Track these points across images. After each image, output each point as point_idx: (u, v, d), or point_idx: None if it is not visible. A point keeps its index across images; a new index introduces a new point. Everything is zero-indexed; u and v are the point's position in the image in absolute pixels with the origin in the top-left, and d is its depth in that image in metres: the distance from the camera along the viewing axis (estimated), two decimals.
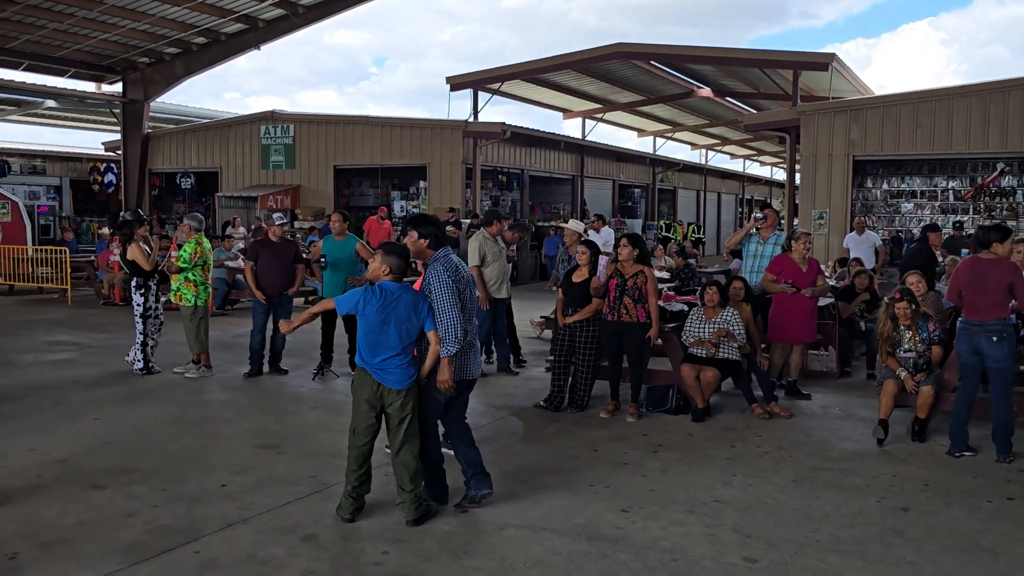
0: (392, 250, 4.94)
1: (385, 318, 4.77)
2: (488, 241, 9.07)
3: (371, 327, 4.80)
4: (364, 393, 4.83)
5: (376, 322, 4.77)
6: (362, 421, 4.87)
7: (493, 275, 9.06)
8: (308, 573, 4.19)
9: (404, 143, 21.86)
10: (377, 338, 4.78)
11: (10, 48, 21.67)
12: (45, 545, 4.49)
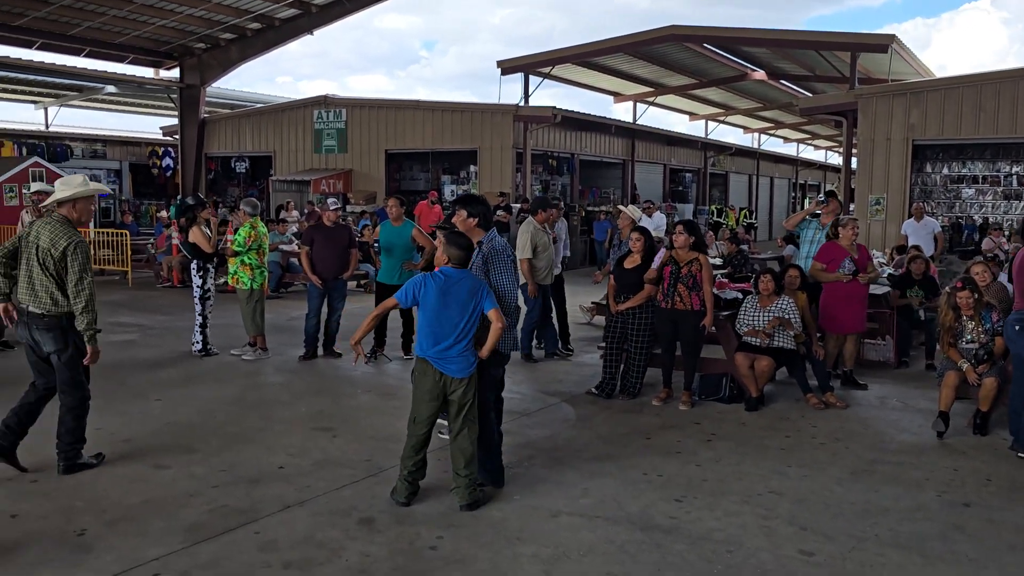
0: (455, 241, 4.96)
1: (445, 302, 4.79)
2: (539, 231, 9.07)
3: (431, 314, 4.82)
4: (426, 383, 4.86)
5: (436, 308, 4.80)
6: (424, 411, 4.90)
7: (542, 264, 9.07)
8: (365, 556, 4.26)
9: (455, 127, 21.92)
10: (437, 325, 4.80)
11: (72, 35, 22.20)
12: (112, 523, 4.64)
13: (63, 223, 5.27)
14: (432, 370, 4.84)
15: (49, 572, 4.03)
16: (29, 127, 27.77)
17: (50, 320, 5.23)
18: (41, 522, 4.62)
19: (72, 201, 5.33)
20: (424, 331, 4.87)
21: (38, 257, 5.21)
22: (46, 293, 5.22)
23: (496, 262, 5.20)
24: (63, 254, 5.16)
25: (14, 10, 20.21)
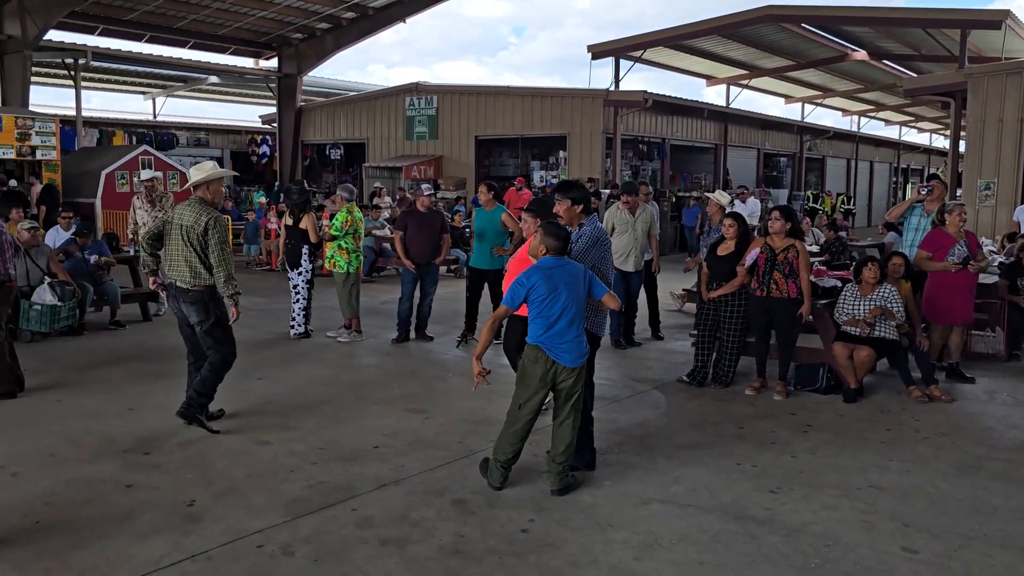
0: (553, 231, 4.91)
1: (554, 288, 4.76)
2: (621, 212, 9.04)
3: (541, 303, 4.77)
4: (537, 371, 4.79)
5: (545, 296, 4.75)
6: (532, 398, 4.84)
7: (620, 247, 9.01)
8: (459, 536, 4.34)
9: (544, 113, 21.89)
10: (548, 313, 4.76)
11: (178, 27, 23.12)
12: (218, 495, 4.85)
13: (201, 203, 5.91)
14: (545, 357, 4.78)
15: (162, 540, 4.24)
16: (138, 117, 29.10)
17: (195, 294, 5.88)
18: (154, 492, 4.86)
19: (206, 183, 5.94)
20: (536, 320, 4.82)
21: (183, 235, 5.84)
22: (189, 268, 5.86)
23: (598, 246, 5.25)
24: (204, 229, 5.78)
25: (125, 5, 21.16)
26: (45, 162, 17.76)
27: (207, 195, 5.96)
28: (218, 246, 5.80)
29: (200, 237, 5.80)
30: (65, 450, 5.55)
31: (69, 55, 21.13)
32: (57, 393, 6.97)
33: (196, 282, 5.87)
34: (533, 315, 4.84)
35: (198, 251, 5.83)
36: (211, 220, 5.81)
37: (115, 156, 19.57)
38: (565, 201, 5.37)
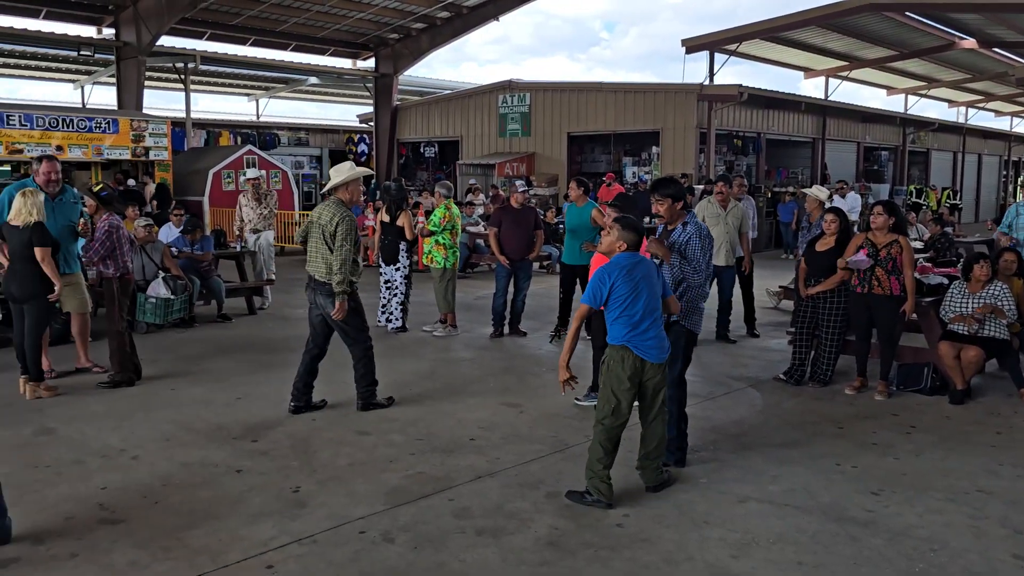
0: (630, 225, 4.88)
1: (635, 286, 4.72)
2: (712, 206, 8.94)
3: (623, 301, 4.71)
4: (626, 371, 4.69)
5: (627, 293, 4.70)
6: (625, 400, 4.73)
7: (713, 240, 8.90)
8: (554, 529, 4.40)
9: (637, 108, 21.72)
10: (632, 310, 4.70)
11: (280, 31, 23.91)
12: (322, 482, 5.04)
13: (338, 203, 6.33)
14: (632, 356, 4.71)
15: (270, 523, 4.45)
16: (243, 118, 30.21)
17: (329, 288, 6.25)
18: (262, 478, 5.09)
19: (345, 185, 6.33)
20: (619, 320, 4.74)
21: (320, 232, 6.28)
22: (324, 263, 6.27)
23: (694, 240, 5.24)
24: (335, 227, 6.18)
25: (231, 10, 22.02)
26: (158, 162, 18.66)
27: (345, 195, 6.36)
28: (340, 240, 6.17)
29: (332, 235, 6.21)
30: (180, 435, 5.86)
31: (179, 60, 22.16)
32: (171, 382, 7.35)
33: (330, 277, 6.24)
34: (614, 315, 4.74)
35: (330, 247, 6.24)
36: (341, 219, 6.21)
37: (221, 156, 20.39)
38: (665, 200, 5.31)
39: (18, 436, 5.82)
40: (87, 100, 26.63)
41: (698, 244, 5.20)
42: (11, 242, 6.77)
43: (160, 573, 3.89)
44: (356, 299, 6.43)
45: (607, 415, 4.72)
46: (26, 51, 22.83)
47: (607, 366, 4.77)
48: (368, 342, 6.56)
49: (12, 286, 6.79)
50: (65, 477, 5.05)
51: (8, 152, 16.37)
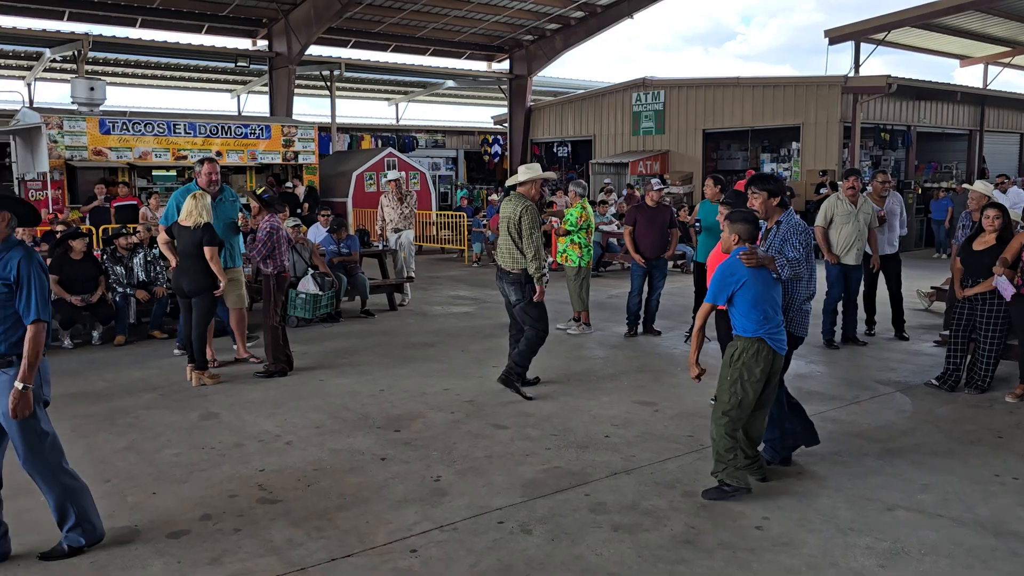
0: (743, 217, 4.82)
1: (762, 279, 4.68)
2: (841, 202, 8.59)
3: (754, 293, 4.67)
4: (760, 364, 4.66)
5: (756, 286, 4.66)
6: (753, 393, 4.68)
7: (840, 239, 8.54)
8: (690, 528, 4.38)
9: (776, 103, 21.06)
10: (764, 303, 4.66)
11: (419, 36, 24.64)
12: (461, 472, 5.20)
13: (520, 197, 6.90)
14: (768, 349, 4.67)
15: (413, 509, 4.63)
16: (383, 122, 31.30)
17: (514, 276, 6.82)
18: (404, 466, 5.30)
19: (531, 183, 6.90)
20: (749, 312, 4.69)
21: (506, 225, 6.83)
22: (510, 254, 6.82)
23: (791, 238, 4.99)
24: (519, 218, 6.71)
25: (374, 18, 22.90)
26: (306, 165, 19.62)
27: (527, 191, 6.89)
28: (528, 230, 6.70)
29: (516, 225, 6.75)
30: (328, 423, 6.18)
31: (326, 67, 23.24)
32: (320, 373, 7.74)
33: (515, 266, 6.78)
34: (744, 308, 4.68)
35: (515, 239, 6.75)
36: (524, 210, 6.75)
37: (364, 159, 21.22)
38: (761, 194, 5.12)
39: (186, 420, 6.30)
40: (242, 108, 28.30)
41: (797, 242, 4.95)
42: (181, 241, 7.34)
43: (314, 551, 4.13)
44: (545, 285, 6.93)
45: (734, 407, 4.70)
46: (190, 64, 24.51)
47: (736, 358, 4.71)
48: (543, 332, 6.98)
49: (182, 281, 7.35)
50: (228, 459, 5.43)
51: (174, 158, 17.64)
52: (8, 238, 3.90)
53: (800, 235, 4.97)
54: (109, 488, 4.94)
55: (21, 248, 3.91)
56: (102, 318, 9.04)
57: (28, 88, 23.96)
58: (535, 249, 6.70)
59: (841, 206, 8.61)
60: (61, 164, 16.28)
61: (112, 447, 5.68)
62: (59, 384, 7.36)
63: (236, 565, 3.98)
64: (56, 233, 10.20)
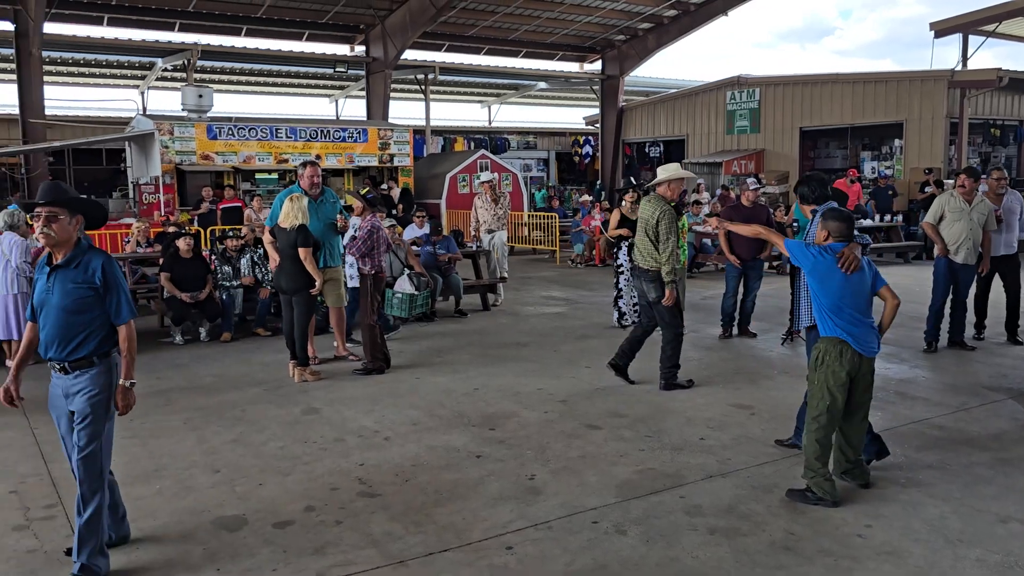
0: (835, 215, 4.78)
1: (850, 276, 4.61)
2: (954, 200, 8.24)
3: (842, 289, 4.59)
4: (844, 365, 4.58)
5: (844, 282, 4.60)
6: (842, 396, 4.62)
7: (952, 236, 8.19)
8: (789, 534, 4.29)
9: (877, 99, 20.37)
10: (852, 300, 4.59)
11: (512, 39, 24.82)
12: (555, 472, 5.23)
13: (658, 199, 7.01)
14: (851, 349, 4.57)
15: (508, 507, 4.69)
16: (475, 124, 31.66)
17: (652, 275, 6.98)
18: (499, 464, 5.37)
19: (666, 183, 6.98)
20: (834, 308, 4.59)
21: (644, 226, 6.99)
22: (648, 253, 6.97)
23: None
24: (656, 222, 6.86)
25: (468, 22, 23.21)
26: (401, 168, 20.03)
27: (666, 192, 6.99)
28: (664, 234, 6.83)
29: (653, 229, 6.89)
30: (425, 420, 6.31)
31: (420, 71, 23.66)
32: (415, 371, 7.91)
33: (652, 265, 6.94)
34: (827, 303, 4.60)
35: (652, 239, 6.90)
36: (661, 213, 6.88)
37: (457, 161, 21.52)
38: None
39: (290, 414, 6.54)
40: (340, 112, 29.08)
41: None
42: (280, 241, 7.61)
43: (412, 544, 4.23)
44: (675, 288, 7.03)
45: (822, 412, 4.64)
46: (291, 70, 25.37)
47: (820, 360, 4.64)
48: (679, 328, 7.12)
49: (282, 280, 7.64)
50: (329, 452, 5.61)
51: (276, 161, 18.28)
52: (81, 242, 3.94)
53: None
54: (219, 478, 5.17)
55: (100, 252, 3.97)
56: (210, 315, 9.45)
57: (142, 96, 25.26)
58: (669, 252, 6.82)
59: (953, 203, 8.29)
60: (172, 168, 17.09)
61: (221, 439, 5.95)
62: (171, 378, 7.76)
63: (338, 556, 4.12)
64: (168, 234, 10.72)
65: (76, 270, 3.87)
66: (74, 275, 3.87)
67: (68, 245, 3.89)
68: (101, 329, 3.91)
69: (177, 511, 4.67)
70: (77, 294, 3.85)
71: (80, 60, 22.75)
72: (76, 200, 3.95)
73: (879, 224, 16.52)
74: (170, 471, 5.32)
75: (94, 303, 3.88)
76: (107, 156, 23.28)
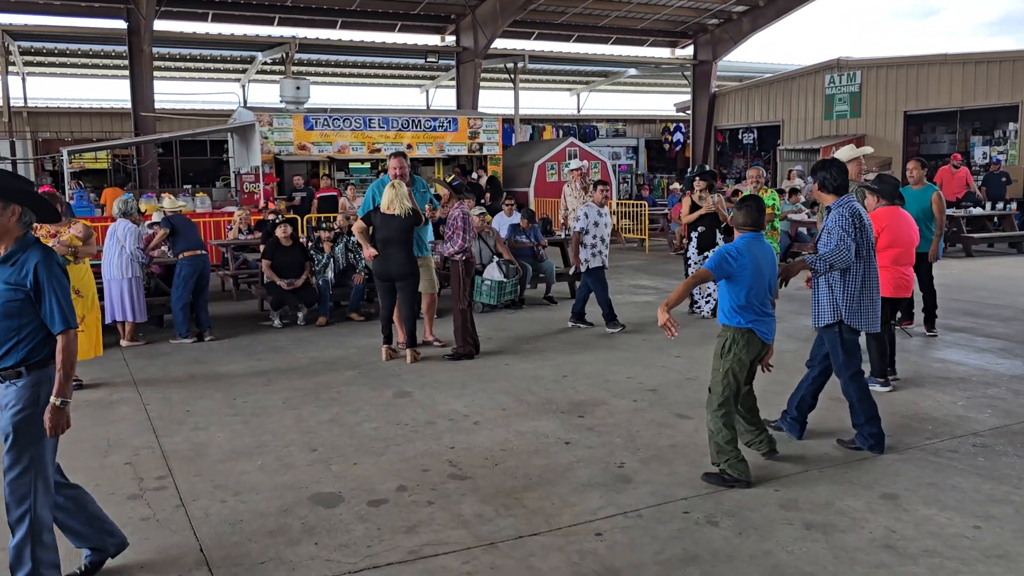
0: (740, 206, 4.93)
1: (761, 274, 4.79)
2: None
3: (746, 288, 4.77)
4: (751, 353, 4.82)
5: (748, 281, 4.76)
6: (743, 381, 4.89)
7: None
8: (890, 532, 4.14)
9: (990, 81, 19.37)
10: (756, 296, 4.78)
11: (602, 25, 24.60)
12: (645, 460, 5.19)
13: None
14: (756, 340, 4.83)
15: (597, 494, 4.67)
16: (564, 112, 31.54)
17: None
18: (588, 451, 5.36)
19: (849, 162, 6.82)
20: (743, 305, 4.79)
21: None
22: None
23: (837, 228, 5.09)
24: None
25: (557, 9, 23.10)
26: (490, 156, 20.14)
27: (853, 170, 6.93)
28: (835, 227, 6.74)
29: None
30: (513, 406, 6.34)
31: (510, 60, 23.71)
32: (504, 357, 7.95)
33: None
34: (743, 294, 4.76)
35: None
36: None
37: (545, 149, 21.50)
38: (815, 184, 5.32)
39: (382, 397, 6.68)
40: (430, 102, 29.42)
41: (837, 231, 5.05)
42: (386, 229, 7.66)
43: (502, 527, 4.27)
44: None
45: (728, 398, 4.83)
46: (383, 62, 25.79)
47: (727, 349, 4.82)
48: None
49: (391, 267, 7.70)
50: (420, 435, 5.70)
51: (369, 151, 18.64)
52: (23, 238, 3.46)
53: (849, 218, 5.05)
54: (316, 456, 5.32)
55: (38, 250, 3.45)
56: (307, 300, 9.72)
57: (243, 89, 26.13)
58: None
59: None
60: (271, 158, 17.62)
61: (318, 419, 6.12)
62: (270, 359, 8.03)
63: (430, 535, 4.18)
64: (267, 222, 11.07)
65: (12, 268, 3.41)
66: (7, 273, 3.40)
67: (7, 238, 3.43)
68: (33, 336, 3.42)
69: (277, 486, 4.83)
70: (6, 296, 3.38)
71: (187, 56, 23.68)
72: (7, 188, 3.45)
73: (991, 212, 15.73)
74: (270, 448, 5.50)
75: (25, 307, 3.39)
76: (211, 147, 24.23)
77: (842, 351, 5.17)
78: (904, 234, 6.57)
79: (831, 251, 5.05)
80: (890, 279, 6.48)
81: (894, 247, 6.52)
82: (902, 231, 6.56)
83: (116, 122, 23.41)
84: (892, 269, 6.51)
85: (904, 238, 6.57)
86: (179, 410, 6.42)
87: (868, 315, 5.18)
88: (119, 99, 23.83)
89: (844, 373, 5.22)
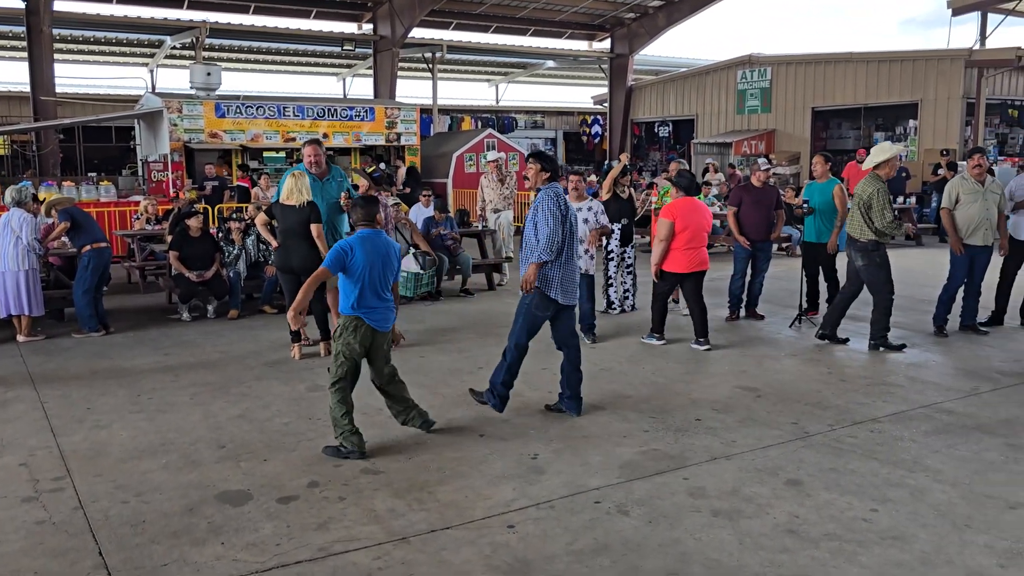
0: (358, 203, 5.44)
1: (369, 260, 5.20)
2: (966, 182, 8.17)
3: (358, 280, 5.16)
4: (359, 339, 5.20)
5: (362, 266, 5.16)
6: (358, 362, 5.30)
7: (967, 218, 8.13)
8: (794, 517, 4.27)
9: (892, 79, 20.16)
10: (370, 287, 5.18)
11: (520, 16, 24.62)
12: (558, 451, 5.22)
13: (874, 178, 7.56)
14: (365, 326, 5.22)
15: (510, 486, 4.68)
16: (482, 103, 31.47)
17: (860, 244, 7.56)
18: (502, 443, 5.36)
19: (886, 162, 7.52)
20: (358, 296, 5.17)
21: (857, 201, 7.53)
22: (858, 225, 7.54)
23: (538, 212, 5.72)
24: (869, 197, 7.44)
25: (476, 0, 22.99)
26: (408, 147, 19.95)
27: (882, 171, 7.53)
28: (878, 211, 7.39)
29: (867, 202, 7.44)
30: (429, 399, 6.29)
31: (428, 49, 23.49)
32: (420, 350, 7.89)
33: (863, 235, 7.51)
34: (348, 288, 5.16)
35: (863, 212, 7.46)
36: (875, 191, 7.44)
37: (463, 140, 21.41)
38: (536, 165, 5.83)
39: (294, 391, 6.55)
40: (347, 91, 28.95)
41: (539, 215, 5.62)
42: (287, 220, 7.52)
43: (415, 521, 4.23)
44: (884, 256, 7.54)
45: (342, 376, 5.20)
46: (298, 49, 25.23)
47: (339, 334, 5.23)
48: (890, 294, 7.59)
49: (292, 259, 7.54)
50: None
51: (284, 140, 18.22)
52: None
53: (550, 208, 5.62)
54: (224, 453, 5.18)
55: None
56: (217, 293, 9.45)
57: (151, 74, 25.18)
58: (888, 221, 7.39)
59: (966, 185, 8.20)
60: (180, 146, 17.05)
61: (227, 415, 5.95)
62: (177, 354, 7.77)
63: (341, 531, 4.11)
64: (177, 211, 10.71)
65: None
66: None
67: None
68: None
69: (182, 485, 4.68)
70: None
71: (90, 38, 22.67)
72: None
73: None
74: (176, 446, 5.33)
75: None
76: (117, 134, 23.27)
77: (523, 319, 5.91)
78: (694, 220, 7.65)
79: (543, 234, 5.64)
80: (683, 258, 7.71)
81: (687, 231, 7.61)
82: (692, 218, 7.64)
83: (15, 106, 22.27)
84: (686, 249, 7.66)
85: (694, 224, 7.65)
86: (79, 407, 6.15)
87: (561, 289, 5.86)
88: (18, 82, 22.69)
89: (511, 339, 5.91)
